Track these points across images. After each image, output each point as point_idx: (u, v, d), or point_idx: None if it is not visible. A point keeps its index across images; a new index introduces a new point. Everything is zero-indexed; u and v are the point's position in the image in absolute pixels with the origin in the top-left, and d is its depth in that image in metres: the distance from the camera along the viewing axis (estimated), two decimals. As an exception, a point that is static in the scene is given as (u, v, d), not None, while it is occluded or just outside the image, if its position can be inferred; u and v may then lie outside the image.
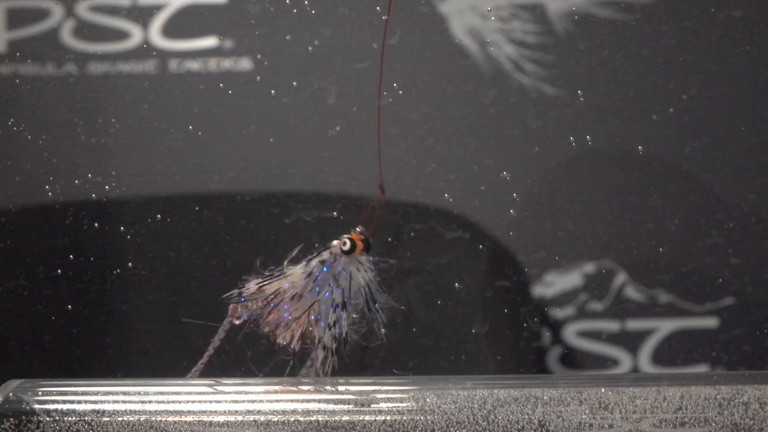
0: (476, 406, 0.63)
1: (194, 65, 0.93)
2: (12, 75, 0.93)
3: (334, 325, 0.69)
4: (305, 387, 0.67)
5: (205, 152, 0.93)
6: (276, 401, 0.64)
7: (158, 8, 0.93)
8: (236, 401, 0.64)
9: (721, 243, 0.92)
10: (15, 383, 0.65)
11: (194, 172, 0.93)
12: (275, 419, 0.63)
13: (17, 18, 0.94)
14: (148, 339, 0.92)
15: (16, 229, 0.92)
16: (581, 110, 0.93)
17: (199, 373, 0.72)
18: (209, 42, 0.93)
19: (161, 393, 0.65)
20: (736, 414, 0.63)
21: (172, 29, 0.93)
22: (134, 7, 0.93)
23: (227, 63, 0.93)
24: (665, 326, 0.93)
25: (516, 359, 0.93)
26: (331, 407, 0.64)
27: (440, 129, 0.93)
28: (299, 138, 0.93)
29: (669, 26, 0.93)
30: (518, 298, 0.93)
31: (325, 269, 0.70)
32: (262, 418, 0.63)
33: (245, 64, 0.93)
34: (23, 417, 0.63)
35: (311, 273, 0.70)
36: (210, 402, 0.64)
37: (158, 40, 0.93)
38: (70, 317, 0.91)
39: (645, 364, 0.93)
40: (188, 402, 0.64)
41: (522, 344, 0.93)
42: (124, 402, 0.64)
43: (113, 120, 0.93)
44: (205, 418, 0.63)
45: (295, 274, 0.70)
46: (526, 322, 0.93)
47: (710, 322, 0.93)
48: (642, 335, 0.93)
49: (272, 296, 0.70)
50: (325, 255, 0.70)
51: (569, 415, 0.63)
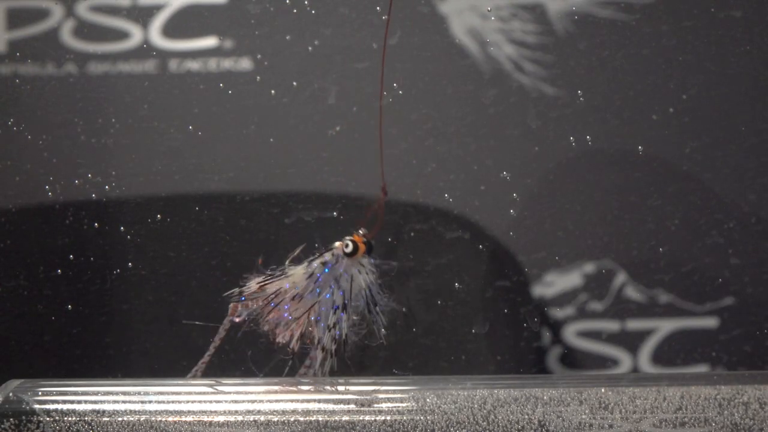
0: (476, 406, 0.63)
1: (194, 65, 0.93)
2: (12, 75, 0.93)
3: (334, 327, 0.69)
4: (305, 387, 0.67)
5: (205, 152, 0.93)
6: (276, 401, 0.64)
7: (158, 8, 0.93)
8: (236, 401, 0.64)
9: (721, 243, 0.92)
10: (15, 383, 0.65)
11: (194, 172, 0.93)
12: (275, 419, 0.63)
13: (17, 18, 0.94)
14: (148, 339, 0.92)
15: (16, 229, 0.92)
16: (581, 110, 0.93)
17: (200, 373, 0.72)
18: (209, 42, 0.93)
19: (161, 393, 0.65)
20: (736, 414, 0.63)
21: (172, 29, 0.93)
22: (134, 7, 0.93)
23: (227, 63, 0.93)
24: (665, 326, 0.93)
25: (516, 359, 0.93)
26: (331, 407, 0.64)
27: (440, 129, 0.93)
28: (299, 138, 0.93)
29: (669, 26, 0.93)
30: (518, 298, 0.93)
31: (327, 270, 0.70)
32: (262, 418, 0.63)
33: (245, 64, 0.93)
34: (23, 417, 0.63)
35: (312, 274, 0.70)
36: (210, 402, 0.64)
37: (158, 40, 0.93)
38: (70, 317, 0.91)
39: (645, 364, 0.93)
40: (188, 402, 0.64)
41: (522, 344, 0.93)
42: (124, 402, 0.64)
43: (113, 120, 0.93)
44: (205, 418, 0.63)
45: (297, 275, 0.70)
46: (526, 322, 0.93)
47: (710, 322, 0.93)
48: (642, 335, 0.93)
49: (273, 296, 0.70)
50: (327, 256, 0.70)
51: (569, 415, 0.63)
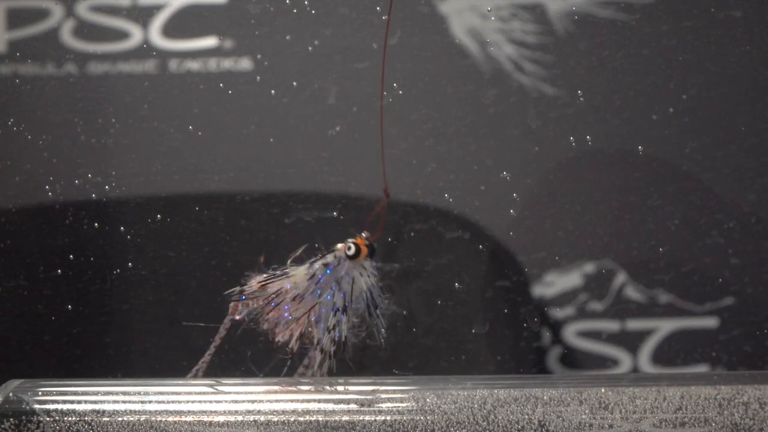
0: (476, 406, 0.63)
1: (194, 65, 0.93)
2: (12, 75, 0.93)
3: (334, 329, 0.69)
4: (305, 387, 0.67)
5: (205, 152, 0.93)
6: (276, 401, 0.64)
7: (158, 8, 0.93)
8: (236, 401, 0.64)
9: (721, 243, 0.92)
10: (15, 383, 0.65)
11: (194, 172, 0.93)
12: (275, 419, 0.63)
13: (17, 18, 0.94)
14: (148, 339, 0.92)
15: (16, 229, 0.92)
16: (581, 110, 0.93)
17: (201, 373, 0.72)
18: (209, 42, 0.93)
19: (161, 393, 0.65)
20: (736, 414, 0.63)
21: (172, 29, 0.93)
22: (134, 7, 0.93)
23: (227, 63, 0.93)
24: (665, 326, 0.93)
25: (516, 359, 0.93)
26: (331, 407, 0.64)
27: (440, 129, 0.93)
28: (299, 138, 0.93)
29: (669, 26, 0.93)
30: (518, 298, 0.93)
31: (328, 272, 0.70)
32: (262, 418, 0.63)
33: (245, 64, 0.93)
34: (23, 417, 0.63)
35: (314, 275, 0.70)
36: (210, 402, 0.64)
37: (158, 40, 0.93)
38: (70, 317, 0.91)
39: (645, 364, 0.93)
40: (188, 402, 0.64)
41: (522, 344, 0.93)
42: (124, 402, 0.64)
43: (113, 120, 0.93)
44: (205, 418, 0.63)
45: (298, 275, 0.70)
46: (526, 322, 0.93)
47: (710, 322, 0.93)
48: (642, 335, 0.93)
49: (274, 296, 0.70)
50: (329, 258, 0.70)
51: (569, 415, 0.63)
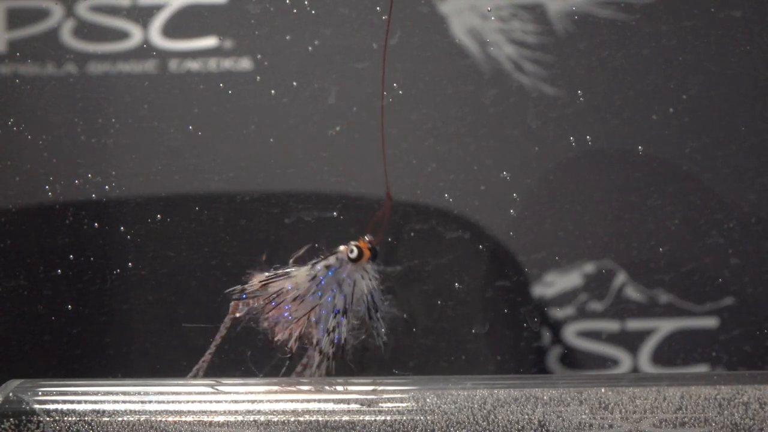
0: (476, 406, 0.63)
1: (194, 65, 0.93)
2: (12, 75, 0.93)
3: (333, 331, 0.69)
4: (305, 387, 0.67)
5: (205, 152, 0.93)
6: (276, 401, 0.64)
7: (158, 8, 0.93)
8: (236, 401, 0.64)
9: (721, 243, 0.92)
10: (15, 383, 0.65)
11: (194, 172, 0.93)
12: (275, 419, 0.63)
13: (17, 18, 0.94)
14: (148, 339, 0.92)
15: (16, 229, 0.92)
16: (581, 110, 0.93)
17: (202, 372, 0.72)
18: (209, 42, 0.93)
19: (161, 393, 0.65)
20: (736, 414, 0.63)
21: (172, 29, 0.93)
22: (134, 7, 0.93)
23: (227, 63, 0.93)
24: (665, 326, 0.93)
25: (516, 359, 0.93)
26: (331, 407, 0.64)
27: (440, 129, 0.93)
28: (299, 138, 0.93)
29: (669, 26, 0.93)
30: (518, 298, 0.93)
31: (330, 274, 0.70)
32: (262, 418, 0.63)
33: (245, 64, 0.93)
34: (23, 417, 0.63)
35: (315, 276, 0.70)
36: (210, 402, 0.64)
37: (158, 40, 0.93)
38: (70, 317, 0.91)
39: (645, 364, 0.93)
40: (188, 402, 0.64)
41: (522, 344, 0.93)
42: (124, 402, 0.64)
43: (113, 120, 0.93)
44: (205, 418, 0.63)
45: (299, 276, 0.70)
46: (526, 322, 0.93)
47: (710, 322, 0.93)
48: (642, 335, 0.93)
49: (274, 295, 0.70)
50: (332, 260, 0.70)
51: (569, 415, 0.63)
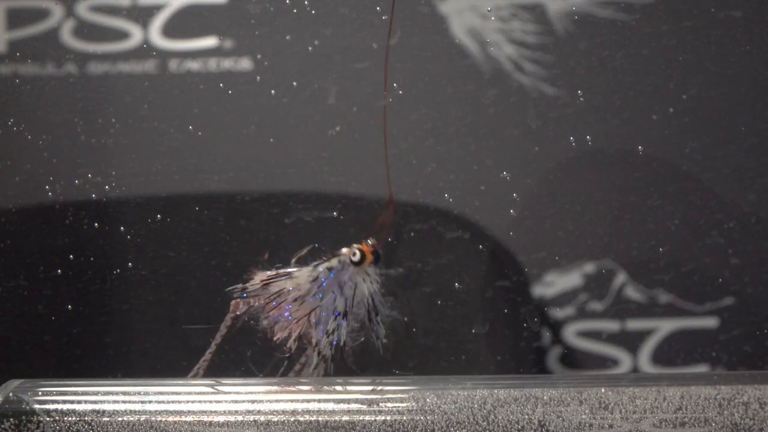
0: (476, 406, 0.63)
1: (194, 65, 0.93)
2: (12, 75, 0.93)
3: (333, 333, 0.69)
4: (305, 387, 0.67)
5: (205, 152, 0.93)
6: (276, 401, 0.64)
7: (158, 8, 0.93)
8: (236, 401, 0.64)
9: (721, 243, 0.92)
10: (15, 383, 0.65)
11: (194, 172, 0.93)
12: (275, 419, 0.63)
13: (17, 18, 0.94)
14: (148, 339, 0.92)
15: (16, 229, 0.92)
16: (581, 110, 0.93)
17: (202, 371, 0.72)
18: (209, 42, 0.93)
19: (161, 393, 0.65)
20: (736, 414, 0.63)
21: (172, 29, 0.93)
22: (134, 7, 0.93)
23: (227, 63, 0.93)
24: (665, 326, 0.93)
25: (516, 359, 0.93)
26: (331, 407, 0.64)
27: (440, 129, 0.93)
28: (299, 138, 0.93)
29: (669, 26, 0.93)
30: (518, 298, 0.93)
31: (332, 276, 0.70)
32: (262, 418, 0.63)
33: (245, 64, 0.93)
34: (23, 417, 0.63)
35: (317, 278, 0.70)
36: (210, 402, 0.64)
37: (158, 40, 0.93)
38: (70, 317, 0.91)
39: (645, 364, 0.93)
40: (188, 402, 0.64)
41: (522, 344, 0.93)
42: (124, 402, 0.64)
43: (113, 120, 0.93)
44: (205, 418, 0.63)
45: (301, 276, 0.70)
46: (526, 322, 0.93)
47: (710, 322, 0.93)
48: (642, 335, 0.93)
49: (275, 295, 0.70)
50: (334, 262, 0.70)
51: (569, 415, 0.63)
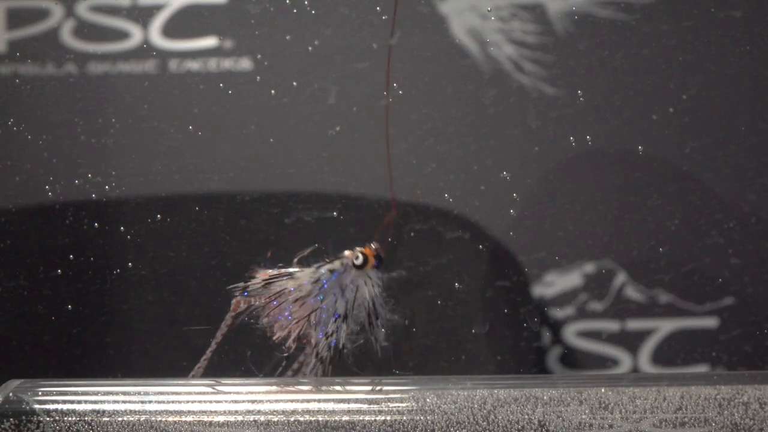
0: (476, 406, 0.63)
1: (194, 65, 0.93)
2: (12, 75, 0.93)
3: (332, 335, 0.69)
4: (305, 387, 0.67)
5: (205, 152, 0.93)
6: (276, 401, 0.64)
7: (158, 8, 0.93)
8: (236, 401, 0.64)
9: (721, 243, 0.92)
10: (15, 383, 0.65)
11: (194, 172, 0.93)
12: (275, 419, 0.63)
13: (17, 18, 0.94)
14: (148, 339, 0.92)
15: (16, 229, 0.92)
16: (581, 110, 0.93)
17: (203, 369, 0.72)
18: (209, 42, 0.93)
19: (161, 393, 0.65)
20: (736, 414, 0.63)
21: (172, 29, 0.93)
22: (134, 7, 0.93)
23: (227, 63, 0.93)
24: (665, 326, 0.93)
25: (516, 359, 0.93)
26: (331, 407, 0.64)
27: (440, 129, 0.93)
28: (299, 138, 0.93)
29: (669, 26, 0.93)
30: (518, 298, 0.93)
31: (334, 278, 0.70)
32: (262, 418, 0.63)
33: (245, 64, 0.93)
34: (23, 417, 0.63)
35: (319, 279, 0.70)
36: (210, 402, 0.64)
37: (158, 40, 0.93)
38: (70, 317, 0.91)
39: (645, 364, 0.93)
40: (188, 402, 0.64)
41: (522, 344, 0.93)
42: (124, 402, 0.64)
43: (113, 120, 0.93)
44: (205, 418, 0.63)
45: (303, 277, 0.70)
46: (526, 322, 0.93)
47: (710, 322, 0.93)
48: (642, 335, 0.93)
49: (276, 295, 0.70)
50: (336, 264, 0.70)
51: (569, 415, 0.63)
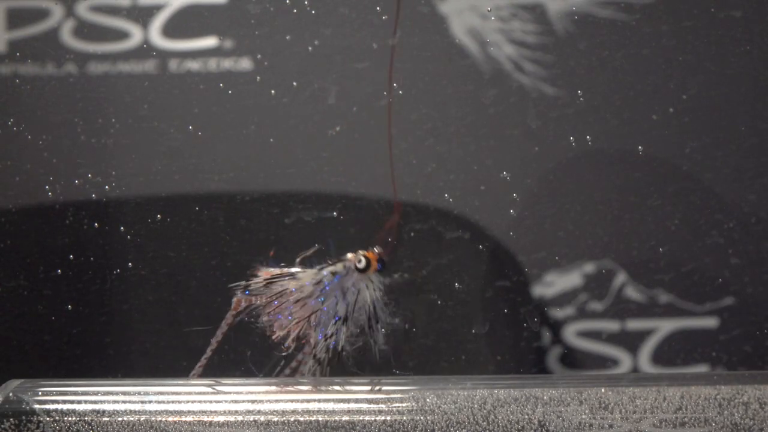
0: (476, 406, 0.63)
1: (194, 65, 0.93)
2: (12, 75, 0.93)
3: (331, 337, 0.69)
4: (305, 387, 0.67)
5: (205, 152, 0.93)
6: (276, 401, 0.64)
7: (158, 8, 0.93)
8: (236, 401, 0.64)
9: (721, 243, 0.92)
10: (15, 383, 0.65)
11: (194, 172, 0.93)
12: (275, 419, 0.63)
13: (17, 18, 0.94)
14: (148, 339, 0.92)
15: (16, 229, 0.92)
16: (581, 110, 0.93)
17: (203, 368, 0.72)
18: (209, 42, 0.93)
19: (161, 393, 0.65)
20: (736, 414, 0.63)
21: (172, 29, 0.93)
22: (134, 7, 0.93)
23: (227, 63, 0.93)
24: (665, 326, 0.93)
25: (516, 359, 0.93)
26: (331, 407, 0.64)
27: (440, 129, 0.93)
28: (299, 138, 0.93)
29: (669, 26, 0.93)
30: (518, 298, 0.93)
31: (336, 280, 0.70)
32: (262, 418, 0.63)
33: (245, 64, 0.93)
34: (23, 417, 0.63)
35: (321, 281, 0.70)
36: (210, 402, 0.64)
37: (158, 40, 0.93)
38: (70, 317, 0.91)
39: (645, 364, 0.93)
40: (188, 402, 0.64)
41: (522, 344, 0.93)
42: (124, 402, 0.64)
43: (113, 120, 0.93)
44: (205, 418, 0.63)
45: (305, 278, 0.70)
46: (526, 322, 0.93)
47: (710, 322, 0.93)
48: (642, 335, 0.93)
49: (278, 295, 0.70)
50: (339, 267, 0.70)
51: (569, 415, 0.63)
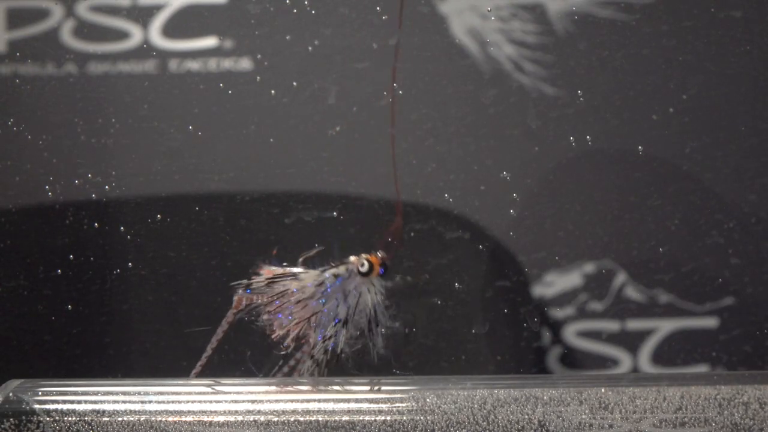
0: (476, 406, 0.63)
1: (194, 65, 0.93)
2: (12, 75, 0.93)
3: (330, 339, 0.69)
4: (305, 387, 0.67)
5: (205, 152, 0.93)
6: (276, 401, 0.64)
7: (158, 8, 0.93)
8: (236, 401, 0.64)
9: (721, 243, 0.92)
10: (15, 383, 0.65)
11: (194, 172, 0.93)
12: (275, 419, 0.63)
13: (17, 18, 0.94)
14: (148, 339, 0.92)
15: (16, 229, 0.92)
16: (581, 110, 0.93)
17: (203, 367, 0.72)
18: (209, 42, 0.93)
19: (161, 393, 0.65)
20: (736, 414, 0.63)
21: (172, 29, 0.93)
22: (134, 7, 0.93)
23: (227, 63, 0.93)
24: (665, 326, 0.93)
25: (516, 359, 0.93)
26: (331, 407, 0.64)
27: (440, 129, 0.93)
28: (299, 138, 0.93)
29: (669, 26, 0.93)
30: (518, 298, 0.93)
31: (338, 283, 0.70)
32: (262, 418, 0.63)
33: (245, 64, 0.93)
34: (23, 417, 0.63)
35: (322, 283, 0.70)
36: (210, 402, 0.64)
37: (158, 40, 0.93)
38: (70, 317, 0.91)
39: (645, 364, 0.93)
40: (188, 402, 0.64)
41: (522, 344, 0.93)
42: (124, 402, 0.64)
43: (113, 120, 0.93)
44: (205, 418, 0.63)
45: (307, 279, 0.70)
46: (526, 322, 0.93)
47: (710, 322, 0.93)
48: (642, 335, 0.93)
49: (279, 295, 0.70)
50: (341, 270, 0.70)
51: (569, 415, 0.63)
